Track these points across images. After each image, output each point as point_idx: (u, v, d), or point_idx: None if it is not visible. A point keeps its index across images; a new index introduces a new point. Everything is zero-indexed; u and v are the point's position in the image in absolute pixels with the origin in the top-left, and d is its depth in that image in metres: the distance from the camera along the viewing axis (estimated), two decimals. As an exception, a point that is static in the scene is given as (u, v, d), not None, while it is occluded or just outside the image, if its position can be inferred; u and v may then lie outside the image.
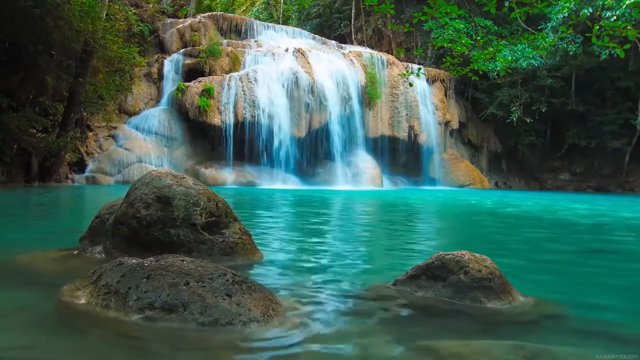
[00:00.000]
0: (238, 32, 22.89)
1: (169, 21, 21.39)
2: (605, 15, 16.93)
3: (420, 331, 1.93)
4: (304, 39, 23.52)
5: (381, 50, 25.14)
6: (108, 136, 17.08)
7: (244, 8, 37.04)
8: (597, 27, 5.67)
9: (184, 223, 2.88)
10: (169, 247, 2.78)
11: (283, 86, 18.93)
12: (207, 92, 17.82)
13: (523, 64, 20.68)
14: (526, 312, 2.17)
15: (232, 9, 34.72)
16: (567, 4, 17.84)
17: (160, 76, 19.38)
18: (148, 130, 17.55)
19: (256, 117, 18.16)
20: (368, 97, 21.10)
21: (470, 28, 21.70)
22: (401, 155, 22.97)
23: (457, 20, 22.05)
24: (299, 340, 1.73)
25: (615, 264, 3.85)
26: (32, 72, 12.51)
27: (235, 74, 18.72)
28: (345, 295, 2.38)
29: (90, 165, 15.95)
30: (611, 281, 3.16)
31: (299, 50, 20.40)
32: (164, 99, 18.88)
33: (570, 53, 20.68)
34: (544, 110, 23.04)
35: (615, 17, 16.44)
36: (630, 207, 11.78)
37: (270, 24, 25.67)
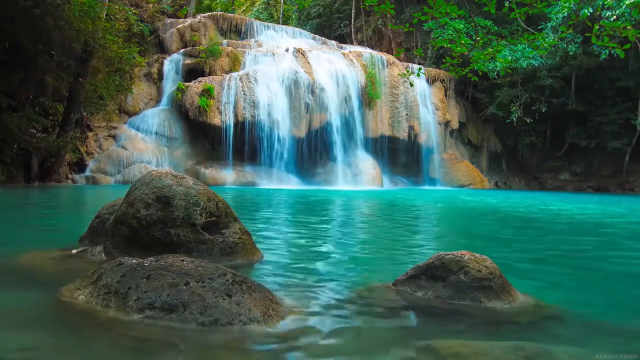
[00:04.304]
0: (238, 32, 22.89)
1: (169, 21, 21.39)
2: (605, 15, 16.93)
3: (420, 331, 1.93)
4: (304, 39, 23.52)
5: (381, 50, 25.14)
6: (108, 136, 17.08)
7: (244, 8, 37.04)
8: (597, 27, 5.67)
9: (184, 223, 2.88)
10: (169, 247, 2.78)
11: (283, 86, 18.93)
12: (207, 92, 17.82)
13: (523, 64, 20.68)
14: (526, 312, 2.17)
15: (232, 9, 34.72)
16: (567, 4, 17.84)
17: (160, 76, 19.38)
18: (148, 130, 17.55)
19: (256, 117, 18.16)
20: (368, 97, 21.10)
21: (470, 28, 21.70)
22: (401, 155, 22.98)
23: (457, 20, 22.06)
24: (298, 340, 1.73)
25: (615, 264, 3.84)
26: (32, 72, 12.51)
27: (235, 74, 18.72)
28: (345, 295, 2.38)
29: (90, 165, 15.95)
30: (611, 281, 3.16)
31: (299, 50, 20.40)
32: (164, 99, 18.88)
33: (570, 53, 20.68)
34: (544, 110, 23.04)
35: (615, 17, 16.44)
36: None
37: (270, 24, 25.67)
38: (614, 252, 4.57)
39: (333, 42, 24.70)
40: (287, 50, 20.47)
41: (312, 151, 20.04)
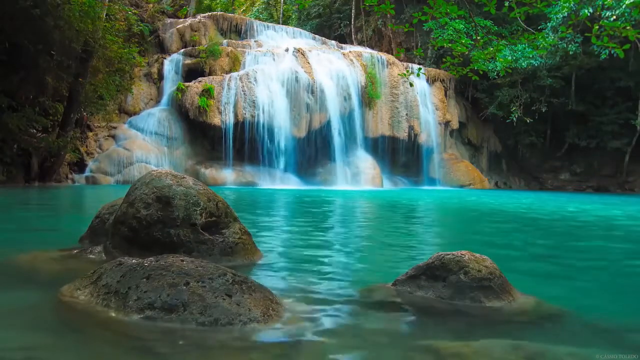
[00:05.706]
0: (238, 32, 22.89)
1: (169, 21, 21.39)
2: (605, 15, 16.93)
3: (420, 331, 1.93)
4: (304, 39, 23.52)
5: (381, 50, 25.14)
6: (108, 136, 17.09)
7: (244, 8, 37.03)
8: (597, 27, 5.67)
9: (184, 223, 2.88)
10: (169, 247, 2.78)
11: (283, 86, 18.93)
12: (207, 92, 17.82)
13: (523, 64, 20.68)
14: (526, 311, 2.17)
15: (232, 9, 34.71)
16: (567, 4, 17.84)
17: (160, 76, 19.38)
18: (148, 130, 17.55)
19: (256, 117, 18.16)
20: (368, 97, 21.10)
21: (470, 28, 21.70)
22: (401, 155, 22.97)
23: (457, 21, 22.05)
24: (298, 340, 1.73)
25: (615, 264, 3.85)
26: (32, 72, 12.51)
27: (235, 74, 18.72)
28: (345, 295, 2.38)
29: (90, 165, 15.95)
30: (612, 281, 3.16)
31: (299, 50, 20.40)
32: (164, 99, 18.88)
33: (570, 53, 20.68)
34: (544, 110, 23.03)
35: (614, 17, 16.45)
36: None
37: (270, 24, 25.67)
38: (615, 252, 4.57)
39: (333, 42, 24.69)
40: (287, 50, 20.47)
41: (312, 151, 20.04)
